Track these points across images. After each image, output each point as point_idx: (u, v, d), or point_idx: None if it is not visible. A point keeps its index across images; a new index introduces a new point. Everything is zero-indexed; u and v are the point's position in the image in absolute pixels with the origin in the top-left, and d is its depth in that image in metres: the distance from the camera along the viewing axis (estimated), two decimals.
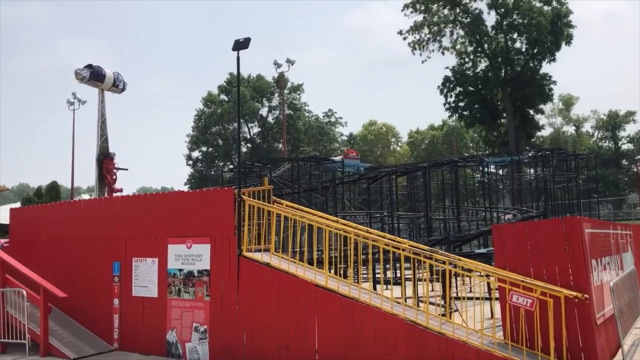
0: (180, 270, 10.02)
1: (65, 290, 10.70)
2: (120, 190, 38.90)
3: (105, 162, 39.06)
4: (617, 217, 44.31)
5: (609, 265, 9.20)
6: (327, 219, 9.89)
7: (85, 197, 41.35)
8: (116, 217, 11.22)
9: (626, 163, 74.70)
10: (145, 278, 10.51)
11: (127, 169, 42.95)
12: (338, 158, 40.83)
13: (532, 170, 36.57)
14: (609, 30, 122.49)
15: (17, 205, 30.08)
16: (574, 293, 7.20)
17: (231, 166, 60.35)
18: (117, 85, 40.53)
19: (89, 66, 38.75)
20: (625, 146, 78.52)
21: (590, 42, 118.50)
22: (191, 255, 9.89)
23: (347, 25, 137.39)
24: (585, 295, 7.26)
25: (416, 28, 55.07)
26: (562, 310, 7.14)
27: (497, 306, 8.63)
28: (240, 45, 9.74)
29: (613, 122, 77.29)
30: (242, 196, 9.67)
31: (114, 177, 39.61)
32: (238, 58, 9.84)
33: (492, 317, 10.42)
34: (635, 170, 59.88)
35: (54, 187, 42.60)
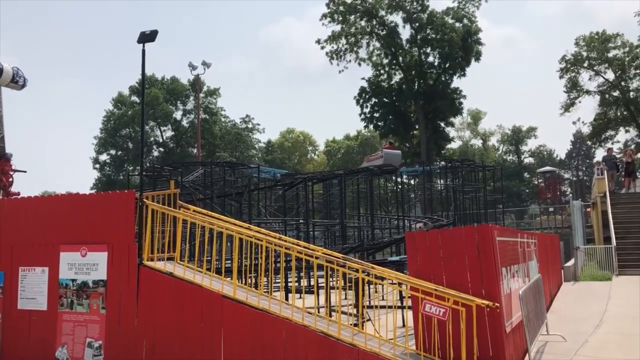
0: (73, 280, 9.12)
1: None
2: (18, 194, 36.02)
3: (0, 163, 36.16)
4: (519, 227, 46.65)
5: (517, 273, 9.33)
6: (239, 225, 9.37)
7: None
8: (1, 222, 10.10)
9: (528, 176, 79.47)
10: (33, 289, 9.50)
11: (25, 171, 39.86)
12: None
13: (442, 181, 37.68)
14: (509, 52, 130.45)
15: None
16: (486, 302, 7.14)
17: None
18: (17, 81, 37.56)
19: None
20: (527, 160, 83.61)
21: (495, 61, 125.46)
22: (86, 264, 9.03)
23: (262, 38, 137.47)
24: (496, 304, 7.22)
25: (334, 38, 55.78)
26: (474, 319, 7.06)
27: (409, 315, 8.48)
28: (147, 37, 9.07)
29: (516, 137, 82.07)
30: (145, 200, 8.96)
31: (11, 179, 36.68)
32: (144, 51, 9.16)
33: (404, 326, 10.31)
34: (536, 182, 63.60)
35: None
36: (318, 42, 56.41)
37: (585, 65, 55.88)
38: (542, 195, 54.91)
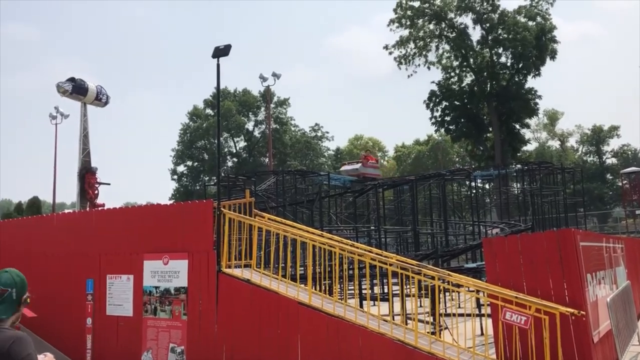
0: (156, 287, 9.51)
1: (36, 309, 10.12)
2: (103, 205, 38.14)
3: (87, 176, 38.49)
4: (602, 231, 44.31)
5: (603, 280, 8.87)
6: (312, 232, 9.46)
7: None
8: (90, 232, 10.71)
9: (611, 177, 75.30)
10: (120, 296, 9.99)
11: (109, 184, 42.22)
12: (352, 167, 42.46)
13: (518, 184, 36.47)
14: (586, 49, 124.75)
15: None
16: (570, 310, 6.84)
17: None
18: (100, 99, 39.99)
19: (72, 79, 38.23)
20: (610, 160, 79.26)
21: (571, 59, 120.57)
22: (168, 272, 9.40)
23: (327, 48, 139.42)
24: (582, 312, 6.90)
25: (402, 43, 55.37)
26: (558, 328, 6.76)
27: (488, 323, 8.25)
28: (220, 52, 9.38)
29: (597, 137, 78.03)
30: (222, 209, 9.23)
31: (96, 192, 39.01)
32: (218, 65, 9.49)
33: (482, 334, 10.03)
34: (620, 184, 60.26)
35: (34, 203, 41.67)
36: (386, 47, 56.23)
37: None
38: (627, 198, 51.75)
